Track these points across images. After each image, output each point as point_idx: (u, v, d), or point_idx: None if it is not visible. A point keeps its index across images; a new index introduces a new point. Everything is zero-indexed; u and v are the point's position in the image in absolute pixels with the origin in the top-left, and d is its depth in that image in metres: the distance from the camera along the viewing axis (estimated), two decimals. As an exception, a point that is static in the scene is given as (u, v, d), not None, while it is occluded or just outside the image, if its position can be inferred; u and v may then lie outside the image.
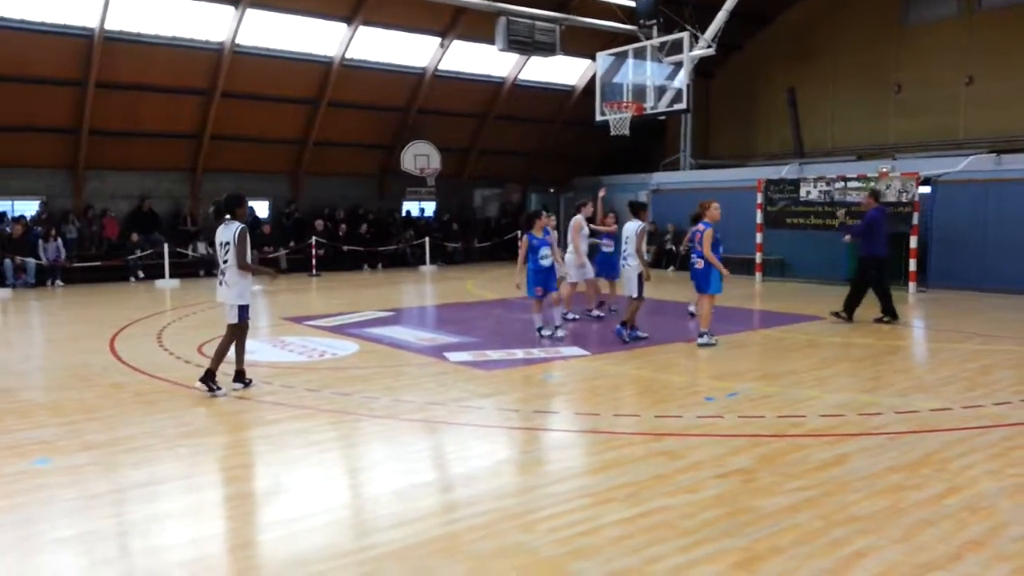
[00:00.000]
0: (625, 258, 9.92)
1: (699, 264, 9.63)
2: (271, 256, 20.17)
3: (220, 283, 7.36)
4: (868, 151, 20.67)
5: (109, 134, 18.00)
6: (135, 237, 18.46)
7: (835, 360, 8.84)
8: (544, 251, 9.98)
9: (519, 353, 9.20)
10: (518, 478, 5.15)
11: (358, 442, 5.98)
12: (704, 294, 9.70)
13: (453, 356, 8.99)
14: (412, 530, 4.21)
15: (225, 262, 7.20)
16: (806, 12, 23.38)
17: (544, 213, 10.57)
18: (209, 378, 7.17)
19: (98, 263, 17.90)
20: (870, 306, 11.44)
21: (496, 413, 6.61)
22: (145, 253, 18.31)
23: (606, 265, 12.05)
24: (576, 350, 9.39)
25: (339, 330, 11.00)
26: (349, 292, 16.28)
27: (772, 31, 24.24)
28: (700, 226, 9.63)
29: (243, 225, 7.22)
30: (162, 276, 17.52)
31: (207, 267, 19.50)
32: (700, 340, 9.52)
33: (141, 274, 18.46)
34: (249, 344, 9.75)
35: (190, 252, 19.02)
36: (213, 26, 17.46)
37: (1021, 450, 5.51)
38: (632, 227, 9.74)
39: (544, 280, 10.06)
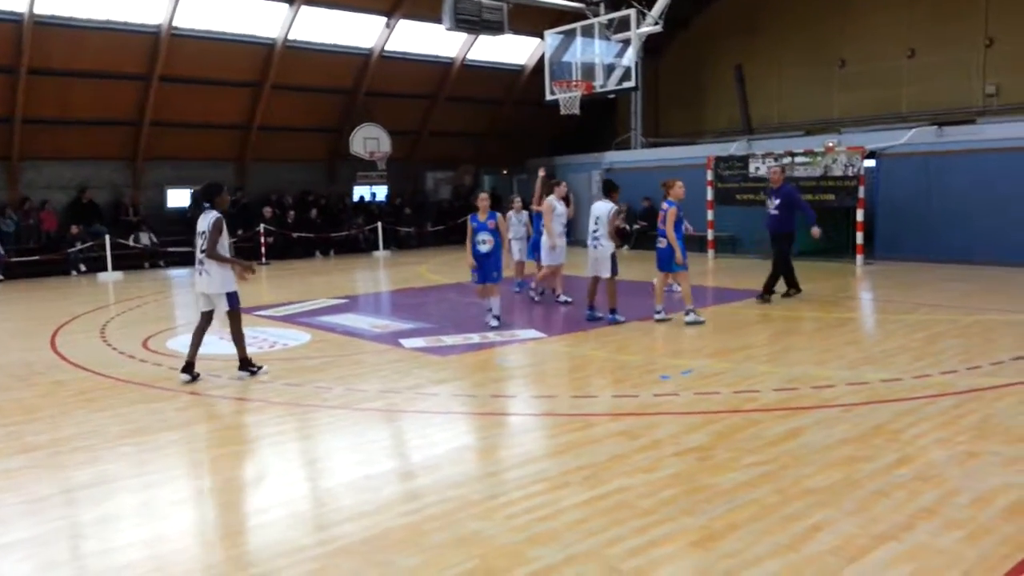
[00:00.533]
0: (597, 238, 9.55)
1: (662, 243, 9.59)
2: (219, 245, 19.69)
3: (200, 273, 7.28)
4: (815, 126, 20.95)
5: (43, 122, 17.33)
6: (75, 229, 17.87)
7: (786, 334, 8.95)
8: (482, 235, 9.46)
9: (475, 338, 9.12)
10: (475, 465, 5.09)
11: (311, 434, 5.85)
12: (668, 272, 9.73)
13: (408, 343, 8.87)
14: (368, 523, 4.12)
15: (203, 251, 7.15)
16: (752, -12, 23.52)
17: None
18: (245, 366, 7.38)
19: (37, 257, 17.28)
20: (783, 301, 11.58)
21: (452, 399, 6.53)
22: (86, 245, 17.75)
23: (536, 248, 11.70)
24: (533, 332, 9.34)
25: (290, 319, 10.78)
26: (300, 280, 15.99)
27: (718, 7, 24.33)
28: (664, 205, 9.59)
29: (219, 215, 7.20)
30: (105, 269, 17.01)
31: (151, 258, 19.01)
32: (687, 318, 9.42)
33: (83, 267, 17.91)
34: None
35: (132, 242, 18.47)
36: (149, 8, 16.86)
37: (968, 417, 5.63)
38: (604, 208, 9.55)
39: (480, 266, 9.56)
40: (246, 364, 7.39)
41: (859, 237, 15.05)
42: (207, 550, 3.93)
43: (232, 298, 7.23)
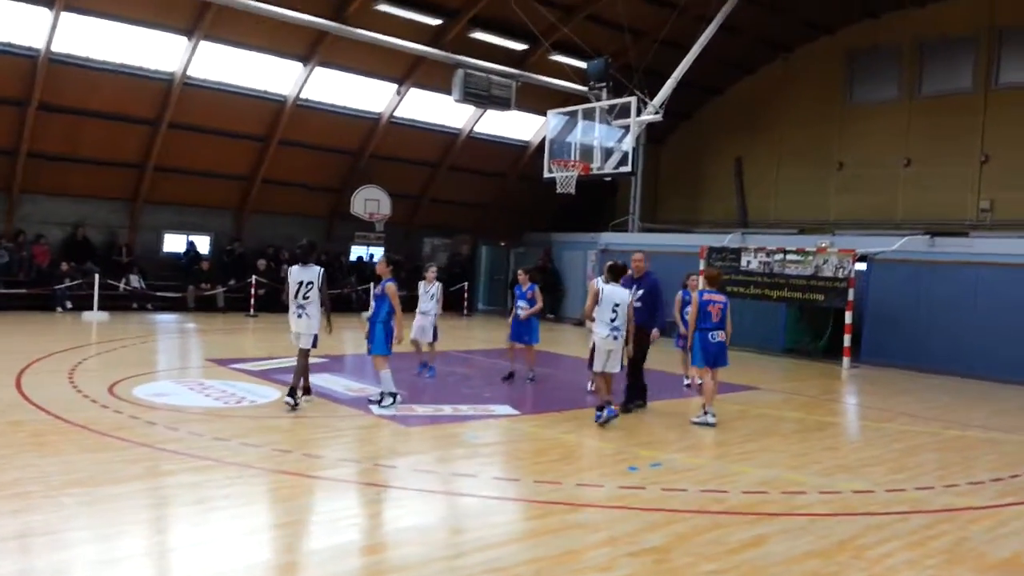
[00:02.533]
0: (617, 328, 8.44)
1: (720, 336, 9.18)
2: (207, 293, 19.66)
3: (299, 315, 8.56)
4: (810, 225, 21.16)
5: (48, 157, 17.43)
6: (65, 266, 17.80)
7: (764, 433, 8.77)
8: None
9: (447, 409, 8.95)
10: (418, 549, 4.86)
11: (253, 500, 5.61)
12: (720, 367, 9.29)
13: (378, 409, 8.69)
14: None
15: (307, 298, 8.50)
16: (755, 86, 24.10)
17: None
18: (292, 394, 8.36)
19: (24, 291, 17.14)
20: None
21: (410, 474, 6.33)
22: (74, 283, 17.64)
23: (524, 328, 11.01)
24: (507, 408, 9.16)
25: (266, 375, 10.60)
26: (285, 335, 15.74)
27: (722, 102, 24.89)
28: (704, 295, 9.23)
29: (323, 268, 8.74)
30: (90, 308, 16.86)
31: (140, 300, 18.87)
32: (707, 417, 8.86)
33: (68, 304, 17.74)
34: (165, 386, 9.42)
35: (122, 285, 18.35)
36: (165, 56, 17.18)
37: (940, 539, 5.44)
38: (623, 294, 8.57)
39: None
40: (293, 392, 8.38)
41: (847, 340, 14.97)
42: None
43: (315, 339, 8.59)
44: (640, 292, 9.26)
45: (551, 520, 5.44)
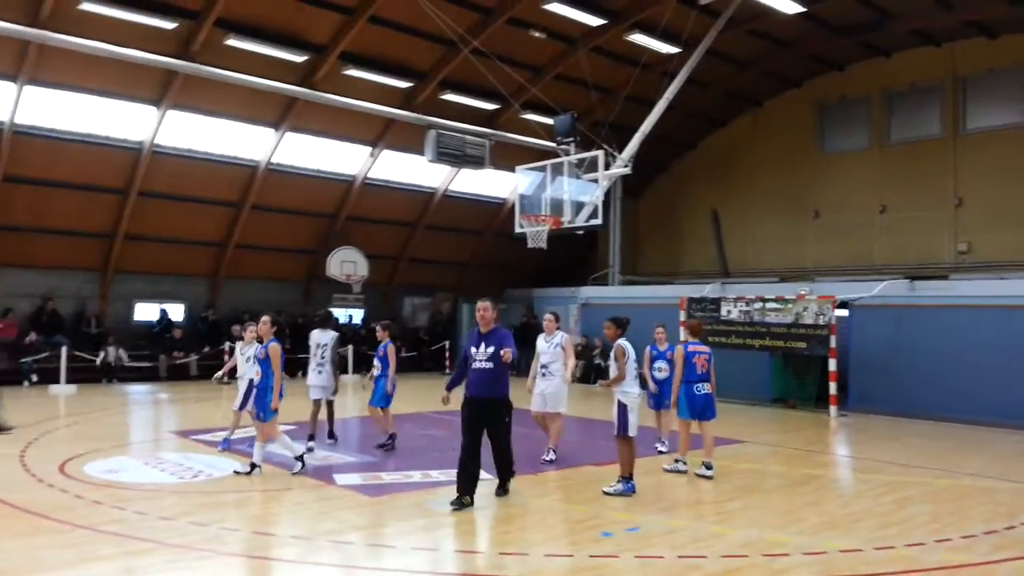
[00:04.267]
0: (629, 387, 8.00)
1: (707, 388, 8.95)
2: (180, 362, 19.19)
3: (319, 371, 10.39)
4: (789, 273, 21.04)
5: (13, 229, 17.14)
6: (31, 338, 17.36)
7: (747, 490, 8.36)
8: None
9: (416, 475, 8.53)
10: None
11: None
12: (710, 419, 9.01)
13: (342, 478, 8.26)
14: None
15: (324, 357, 10.37)
16: (728, 137, 24.32)
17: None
18: (311, 438, 10.13)
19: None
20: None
21: (365, 551, 5.90)
22: (41, 356, 17.16)
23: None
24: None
25: (228, 446, 10.12)
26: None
27: (696, 155, 25.08)
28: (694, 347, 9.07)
29: (337, 334, 10.79)
30: (57, 381, 16.36)
31: (111, 374, 18.32)
32: (678, 466, 8.97)
33: (35, 378, 17.22)
34: (119, 462, 8.97)
35: (98, 359, 17.88)
36: (133, 125, 17.07)
37: (931, 601, 5.06)
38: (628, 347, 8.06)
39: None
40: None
41: (832, 387, 14.66)
42: None
43: (336, 391, 10.51)
44: (490, 351, 7.45)
45: (514, 596, 5.03)
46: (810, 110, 22.41)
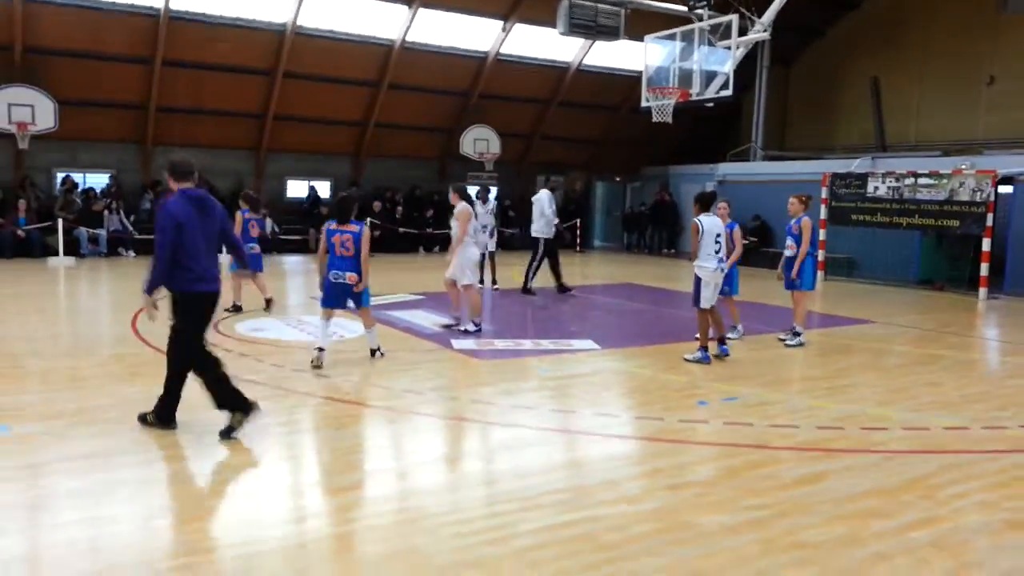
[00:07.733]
0: (723, 260, 8.27)
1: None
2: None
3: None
4: (955, 147, 19.27)
5: (176, 111, 18.52)
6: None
7: (863, 368, 8.17)
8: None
9: (527, 344, 8.91)
10: (451, 477, 4.88)
11: (305, 428, 5.79)
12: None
13: (459, 343, 8.77)
14: (306, 527, 4.02)
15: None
16: (894, -2, 22.00)
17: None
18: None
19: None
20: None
21: (468, 405, 6.34)
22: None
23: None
24: (588, 343, 9.01)
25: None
26: (393, 274, 16.26)
27: (857, 16, 22.91)
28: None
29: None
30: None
31: (268, 245, 19.80)
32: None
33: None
34: (264, 322, 9.89)
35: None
36: (276, 7, 17.68)
37: (1030, 481, 4.89)
38: (718, 223, 8.27)
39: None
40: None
41: (984, 268, 13.64)
42: (149, 535, 3.95)
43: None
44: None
45: (594, 452, 5.32)
46: (993, -39, 19.77)
